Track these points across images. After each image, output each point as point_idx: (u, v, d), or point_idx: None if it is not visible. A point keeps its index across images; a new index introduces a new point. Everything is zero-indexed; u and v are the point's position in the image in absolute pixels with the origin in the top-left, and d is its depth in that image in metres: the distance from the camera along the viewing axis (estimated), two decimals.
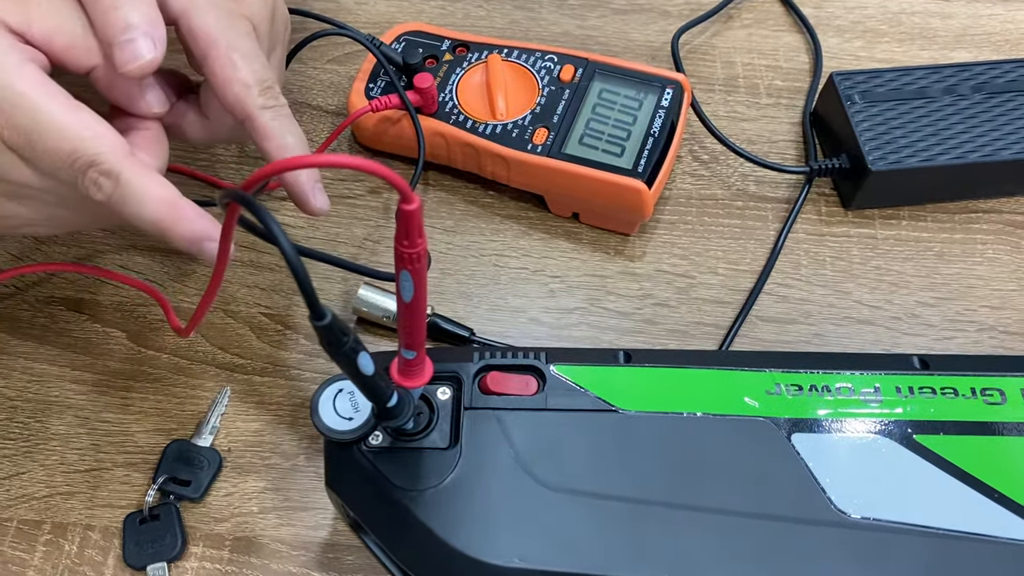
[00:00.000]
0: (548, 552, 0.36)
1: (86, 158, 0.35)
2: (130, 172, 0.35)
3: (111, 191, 0.35)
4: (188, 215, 0.37)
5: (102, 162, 0.35)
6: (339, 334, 0.28)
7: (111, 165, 0.35)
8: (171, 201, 0.36)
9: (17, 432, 0.48)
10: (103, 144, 0.35)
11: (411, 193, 0.27)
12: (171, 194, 0.37)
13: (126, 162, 0.35)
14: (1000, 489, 0.38)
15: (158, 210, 0.36)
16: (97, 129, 0.35)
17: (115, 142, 0.36)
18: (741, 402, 0.40)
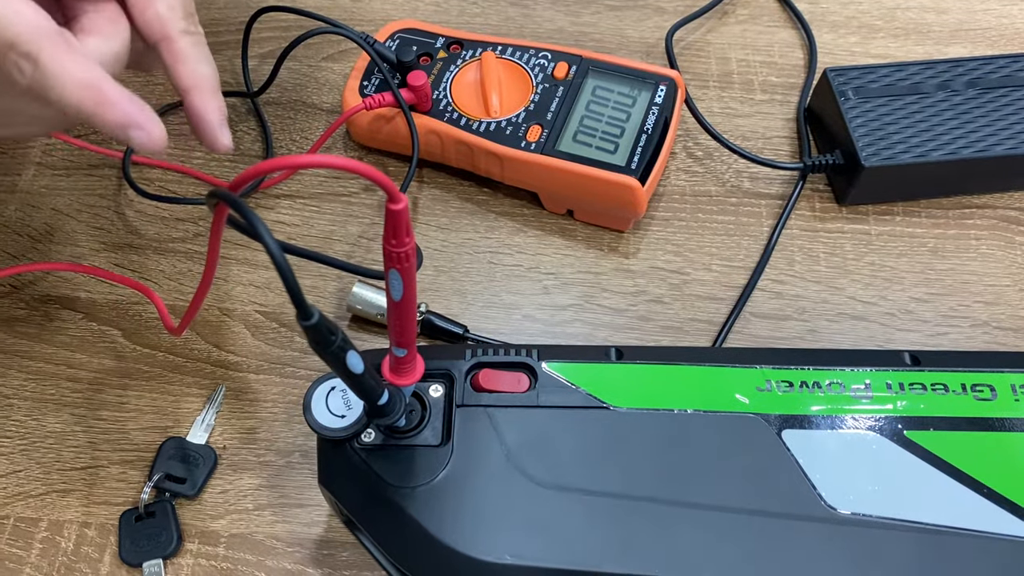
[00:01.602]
0: (539, 548, 0.36)
1: (4, 39, 0.32)
2: (49, 53, 0.33)
3: (31, 74, 0.33)
4: (112, 99, 0.34)
5: (20, 43, 0.32)
6: (326, 333, 0.28)
7: (29, 47, 0.33)
8: (93, 84, 0.34)
9: (13, 430, 0.48)
10: (21, 23, 0.33)
11: (398, 193, 0.27)
12: (93, 76, 0.34)
13: (45, 42, 0.33)
14: (990, 485, 0.38)
15: (78, 93, 0.33)
16: (17, 7, 0.33)
17: (36, 22, 0.33)
18: (732, 399, 0.40)
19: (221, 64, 0.62)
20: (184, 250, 0.54)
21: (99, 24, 0.37)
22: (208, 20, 0.63)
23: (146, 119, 0.35)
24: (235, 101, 0.60)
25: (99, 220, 0.55)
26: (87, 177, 0.57)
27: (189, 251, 0.54)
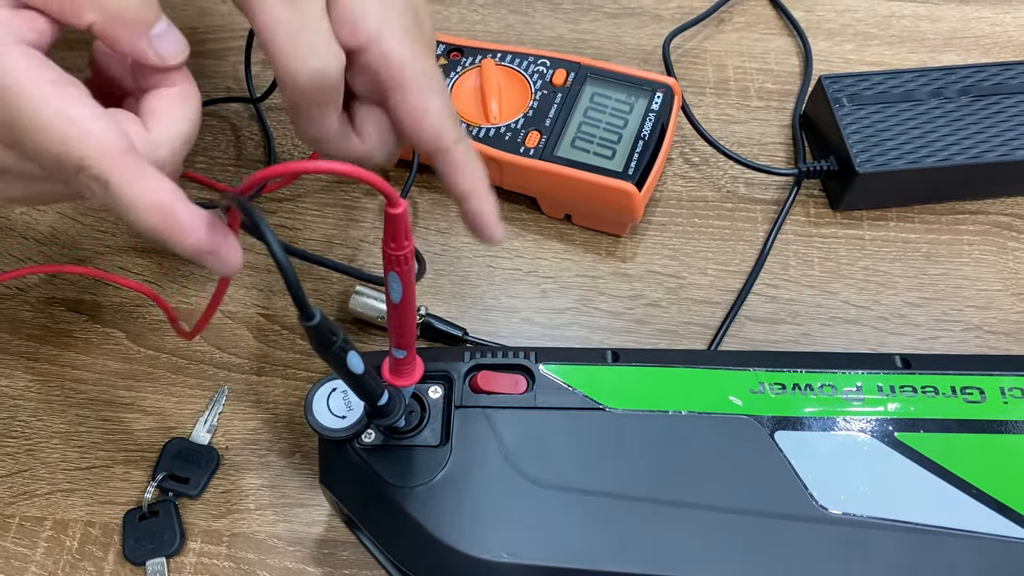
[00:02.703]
0: (536, 547, 0.37)
1: (72, 162, 0.31)
2: (120, 177, 0.31)
3: (103, 196, 0.32)
4: (186, 225, 0.32)
5: (89, 166, 0.31)
6: (328, 334, 0.29)
7: (99, 170, 0.31)
8: (166, 208, 0.32)
9: (19, 430, 0.49)
10: (90, 146, 0.31)
11: (396, 197, 0.28)
12: (166, 200, 0.32)
13: (116, 164, 0.31)
14: (979, 486, 0.39)
15: (152, 219, 0.32)
16: (85, 127, 0.31)
17: (104, 141, 0.31)
18: (726, 401, 0.41)
19: (224, 70, 0.62)
20: None
21: (168, 105, 0.35)
22: (211, 26, 0.64)
23: (220, 244, 0.32)
24: (238, 107, 0.61)
25: (104, 223, 0.56)
26: None
27: None
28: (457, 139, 0.37)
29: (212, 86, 0.62)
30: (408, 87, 0.37)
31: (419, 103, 0.37)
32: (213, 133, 0.60)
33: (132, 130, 0.33)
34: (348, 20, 0.36)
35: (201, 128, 0.59)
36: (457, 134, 0.37)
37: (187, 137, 0.34)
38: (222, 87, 0.62)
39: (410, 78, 0.36)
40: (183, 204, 0.32)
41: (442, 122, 0.37)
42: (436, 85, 0.37)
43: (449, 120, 0.37)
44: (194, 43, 0.64)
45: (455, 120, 0.38)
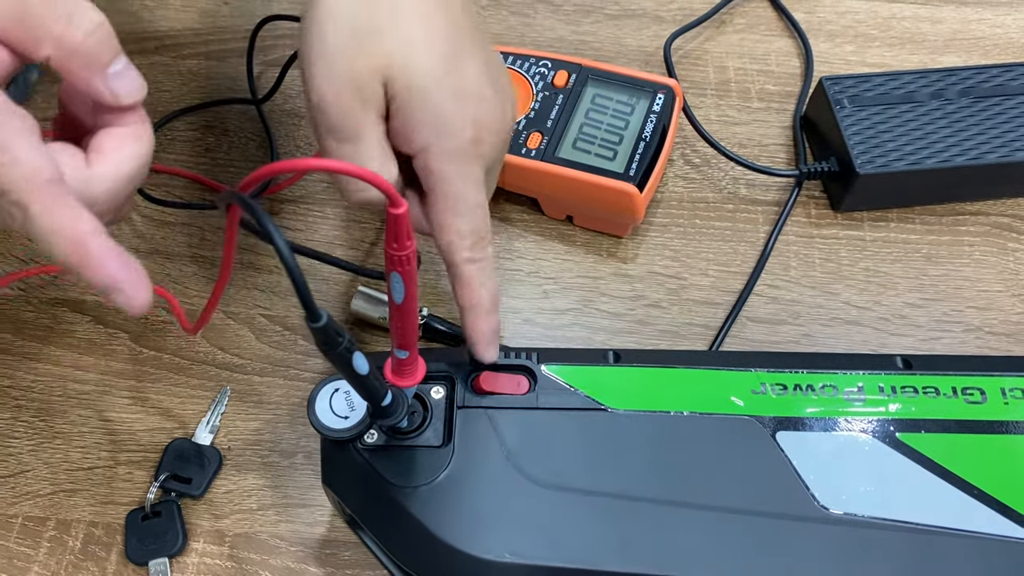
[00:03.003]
0: (538, 547, 0.37)
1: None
2: (39, 206, 0.31)
3: (22, 221, 0.32)
4: (96, 259, 0.32)
5: (11, 192, 0.31)
6: (334, 335, 0.29)
7: (19, 196, 0.31)
8: (79, 241, 0.32)
9: (22, 431, 0.49)
10: (15, 173, 0.31)
11: (399, 197, 0.28)
12: (80, 232, 0.32)
13: (37, 194, 0.32)
14: (980, 486, 0.39)
15: (64, 249, 0.32)
16: (15, 155, 0.31)
17: (30, 170, 0.32)
18: (727, 401, 0.41)
19: (227, 72, 0.63)
20: (190, 254, 0.55)
21: (115, 143, 0.35)
22: (214, 28, 0.65)
23: (128, 280, 0.33)
24: (241, 108, 0.61)
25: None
26: None
27: (195, 255, 0.55)
28: (468, 259, 0.39)
29: (214, 87, 0.62)
30: (437, 199, 0.39)
31: (441, 217, 0.39)
32: (215, 134, 0.60)
33: (69, 164, 0.33)
34: (403, 132, 0.38)
35: (203, 129, 0.60)
36: (469, 254, 0.39)
37: (129, 177, 0.34)
38: (224, 88, 0.62)
39: (441, 194, 0.38)
40: (98, 238, 0.32)
41: (458, 240, 0.39)
42: (464, 206, 0.39)
43: (467, 239, 0.39)
44: (196, 45, 0.64)
45: (475, 239, 0.40)
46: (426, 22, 0.38)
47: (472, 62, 0.39)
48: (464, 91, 0.38)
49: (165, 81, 0.62)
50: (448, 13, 0.39)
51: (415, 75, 0.37)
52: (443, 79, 0.38)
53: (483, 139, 0.39)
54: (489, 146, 0.39)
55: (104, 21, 0.33)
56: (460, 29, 0.39)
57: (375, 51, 0.37)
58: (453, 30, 0.39)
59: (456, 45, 0.38)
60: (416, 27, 0.38)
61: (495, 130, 0.39)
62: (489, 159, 0.40)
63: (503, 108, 0.40)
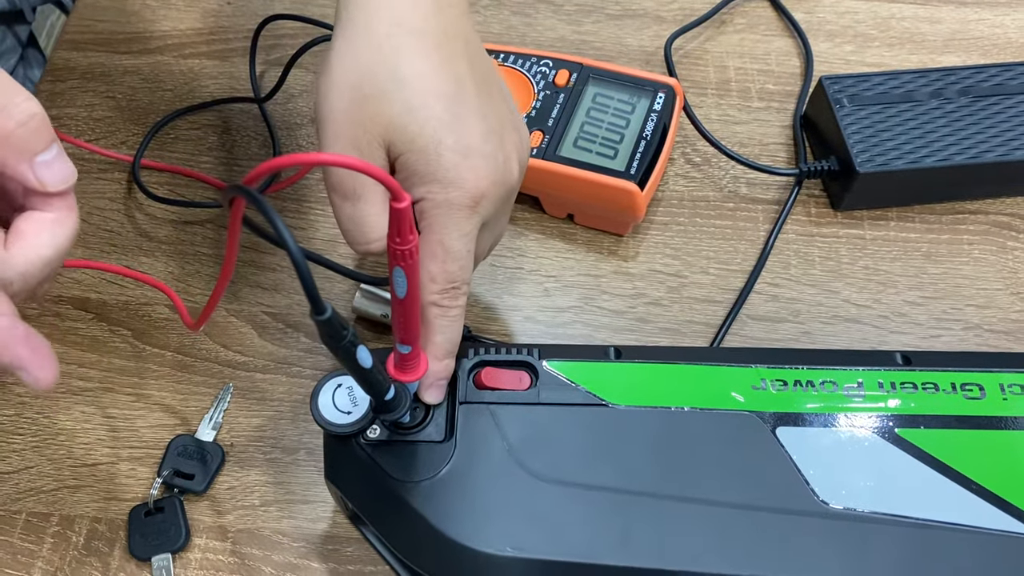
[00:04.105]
0: (540, 541, 0.37)
1: None
2: None
3: None
4: (10, 343, 0.33)
5: None
6: (339, 328, 0.29)
7: None
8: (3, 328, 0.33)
9: (25, 427, 0.49)
10: None
11: (401, 191, 0.28)
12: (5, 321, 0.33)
13: None
14: (979, 481, 0.39)
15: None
16: None
17: None
18: (728, 397, 0.41)
19: (229, 71, 0.63)
20: (193, 252, 0.55)
21: (35, 228, 0.35)
22: (216, 28, 0.65)
23: (32, 361, 0.33)
24: (243, 107, 0.61)
25: (109, 223, 0.56)
26: (97, 180, 0.58)
27: (198, 253, 0.55)
28: (433, 303, 0.39)
29: (217, 86, 0.62)
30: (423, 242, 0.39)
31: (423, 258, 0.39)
32: (218, 133, 0.60)
33: None
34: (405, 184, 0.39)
35: (206, 128, 0.60)
36: (437, 298, 0.39)
37: (46, 262, 0.34)
38: (227, 87, 0.62)
39: (427, 239, 0.39)
40: (3, 320, 0.33)
41: (429, 283, 0.39)
42: (445, 255, 0.39)
43: (437, 284, 0.39)
44: (199, 44, 0.65)
45: (447, 286, 0.39)
46: (427, 83, 0.38)
47: (475, 119, 0.39)
48: (464, 149, 0.38)
49: (168, 80, 0.62)
50: (451, 69, 0.39)
51: (415, 139, 0.38)
52: (443, 140, 0.38)
53: (482, 194, 0.39)
54: (489, 201, 0.39)
55: (39, 112, 0.33)
56: (463, 85, 0.39)
57: (376, 118, 0.38)
58: (455, 87, 0.39)
59: (458, 102, 0.39)
60: (416, 91, 0.38)
61: (495, 183, 0.39)
62: (487, 213, 0.40)
63: (506, 163, 0.40)
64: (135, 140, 0.60)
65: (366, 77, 0.38)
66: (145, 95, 0.62)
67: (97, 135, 0.60)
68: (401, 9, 0.39)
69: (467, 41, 0.41)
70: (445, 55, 0.39)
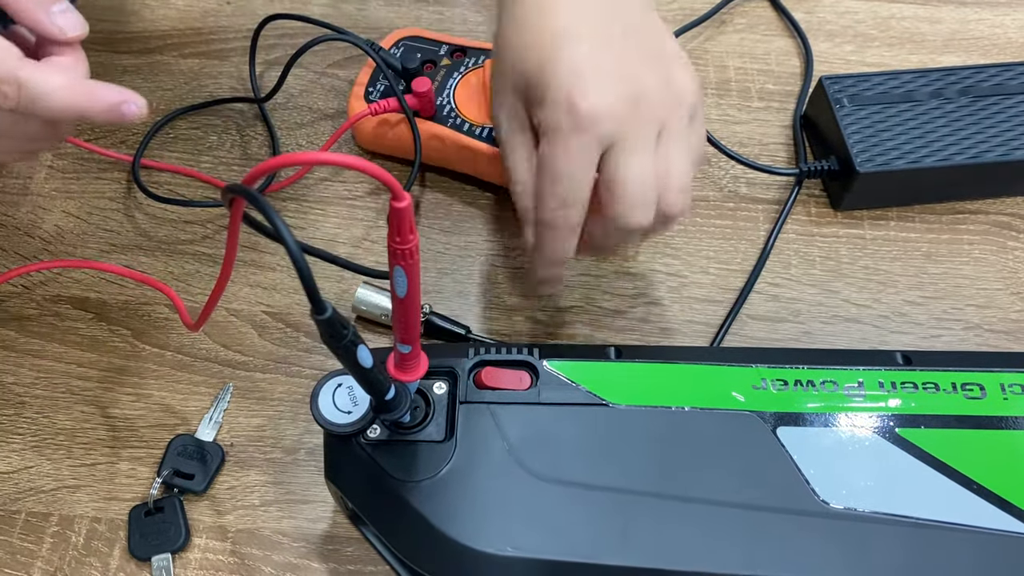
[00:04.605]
0: (540, 541, 0.37)
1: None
2: (27, 72, 0.36)
3: (17, 96, 0.36)
4: (98, 91, 0.38)
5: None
6: (339, 328, 0.29)
7: (7, 72, 0.36)
8: (75, 85, 0.37)
9: (25, 427, 0.49)
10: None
11: (402, 191, 0.28)
12: (72, 78, 0.38)
13: (22, 66, 0.36)
14: (979, 481, 0.39)
15: (66, 96, 0.37)
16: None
17: (7, 51, 0.36)
18: (728, 396, 0.41)
19: (228, 71, 0.63)
20: (193, 252, 0.55)
21: (58, 63, 0.39)
22: (216, 27, 0.65)
23: (129, 94, 0.39)
24: (243, 107, 0.61)
25: (109, 223, 0.56)
26: (97, 180, 0.58)
27: (198, 253, 0.55)
28: (543, 221, 0.43)
29: (216, 86, 0.62)
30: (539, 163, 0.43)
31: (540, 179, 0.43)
32: (218, 133, 0.60)
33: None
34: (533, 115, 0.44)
35: (206, 128, 0.60)
36: (548, 216, 0.43)
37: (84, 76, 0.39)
38: (227, 87, 0.62)
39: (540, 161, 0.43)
40: (87, 78, 0.38)
41: (540, 201, 0.43)
42: (550, 173, 0.42)
43: (545, 203, 0.43)
44: (198, 44, 0.65)
45: (556, 208, 0.42)
46: (554, 38, 0.43)
47: (596, 52, 0.42)
48: (574, 72, 0.41)
49: (167, 80, 0.62)
50: (582, 22, 0.43)
51: (535, 78, 0.43)
52: (555, 70, 0.42)
53: (594, 114, 0.40)
54: (609, 120, 0.41)
55: None
56: (589, 31, 0.43)
57: (520, 89, 0.44)
58: (579, 35, 0.42)
59: (576, 42, 0.42)
60: (545, 45, 0.43)
61: (619, 99, 0.41)
62: (607, 132, 0.41)
63: (634, 81, 0.41)
64: (135, 140, 0.60)
65: (520, 52, 0.44)
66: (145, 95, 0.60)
67: (97, 134, 0.60)
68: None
69: (609, 2, 0.44)
70: (578, 15, 0.43)
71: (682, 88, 0.43)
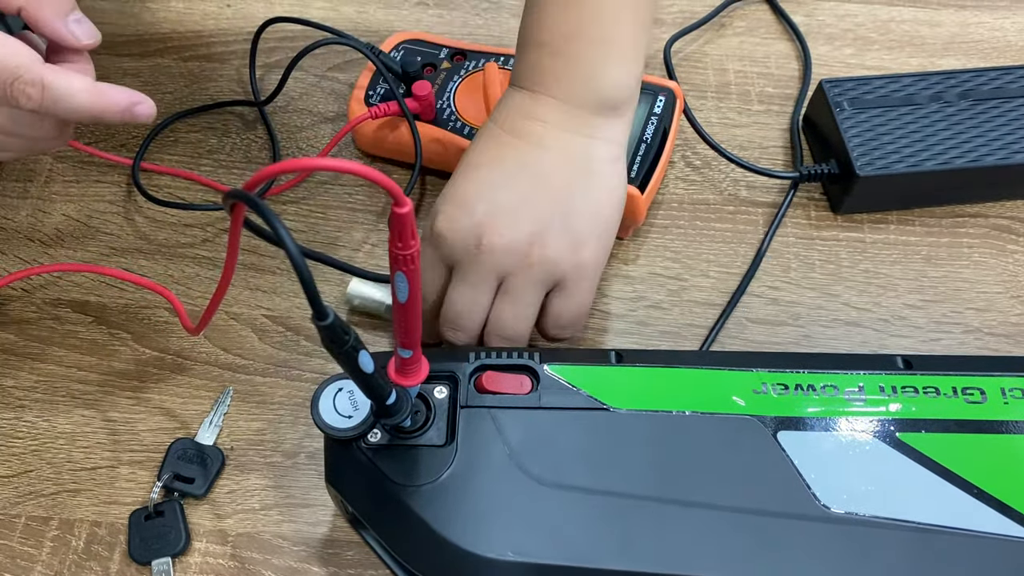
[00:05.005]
0: (541, 545, 0.37)
1: (8, 72, 0.38)
2: (51, 75, 0.38)
3: (40, 97, 0.38)
4: (112, 93, 0.40)
5: (23, 73, 0.38)
6: (341, 333, 0.29)
7: (33, 74, 0.38)
8: (94, 87, 0.39)
9: (25, 431, 0.49)
10: (20, 57, 0.38)
11: (403, 197, 0.28)
12: (91, 82, 0.40)
13: (45, 68, 0.38)
14: (980, 485, 0.39)
15: (87, 98, 0.39)
16: (13, 48, 0.38)
17: (28, 54, 0.38)
18: (729, 401, 0.41)
19: (228, 74, 0.63)
20: (193, 255, 0.55)
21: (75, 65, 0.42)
22: (216, 30, 0.65)
23: (139, 96, 0.41)
24: (243, 110, 0.61)
25: (109, 226, 0.56)
26: (97, 183, 0.58)
27: (198, 256, 0.55)
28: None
29: (217, 89, 0.62)
30: None
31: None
32: (218, 136, 0.60)
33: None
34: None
35: (206, 131, 0.60)
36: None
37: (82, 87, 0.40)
38: (227, 90, 0.62)
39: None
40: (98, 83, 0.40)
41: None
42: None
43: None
44: (199, 47, 0.65)
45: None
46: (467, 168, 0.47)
47: (481, 189, 0.46)
48: (448, 198, 0.46)
49: (167, 83, 0.62)
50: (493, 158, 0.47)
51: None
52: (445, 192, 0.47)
53: (440, 233, 0.46)
54: (447, 245, 0.45)
55: None
56: (490, 169, 0.47)
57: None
58: (481, 168, 0.47)
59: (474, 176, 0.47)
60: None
61: (457, 233, 0.45)
62: (447, 255, 0.46)
63: (487, 228, 0.44)
64: (135, 143, 0.60)
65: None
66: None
67: (96, 138, 0.60)
68: (499, 112, 0.48)
69: (538, 146, 0.46)
70: (497, 150, 0.47)
71: (558, 256, 0.45)
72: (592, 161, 0.46)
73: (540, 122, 0.46)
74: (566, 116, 0.46)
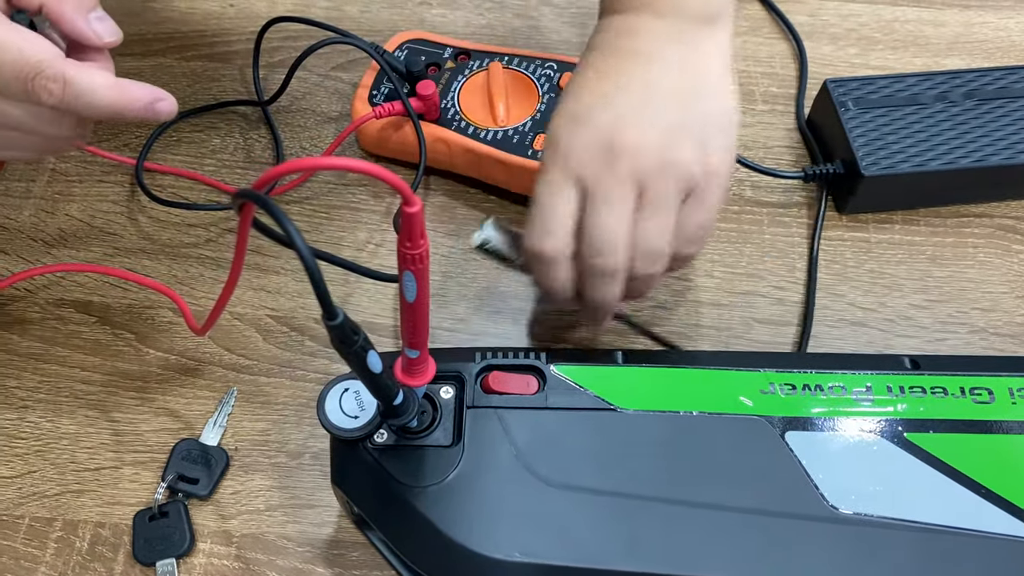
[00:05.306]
0: (548, 546, 0.37)
1: (30, 67, 0.37)
2: (73, 71, 0.38)
3: (61, 92, 0.38)
4: (134, 89, 0.40)
5: (45, 68, 0.38)
6: (350, 333, 0.29)
7: (55, 70, 0.38)
8: (116, 84, 0.39)
9: (28, 431, 0.49)
10: (43, 53, 0.38)
11: (413, 196, 0.28)
12: (113, 78, 0.40)
13: (67, 64, 0.38)
14: (988, 485, 0.39)
15: (109, 95, 0.39)
16: (36, 43, 0.38)
17: (50, 49, 0.38)
18: (736, 401, 0.41)
19: (232, 73, 0.63)
20: (196, 255, 0.55)
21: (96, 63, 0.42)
22: (219, 30, 0.65)
23: (161, 92, 0.41)
24: (246, 110, 0.61)
25: (112, 226, 0.56)
26: (100, 183, 0.58)
27: (201, 256, 0.55)
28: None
29: (220, 89, 0.62)
30: None
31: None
32: (222, 136, 0.60)
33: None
34: None
35: (209, 131, 0.60)
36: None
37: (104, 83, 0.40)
38: (230, 90, 0.62)
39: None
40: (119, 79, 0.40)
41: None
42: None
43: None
44: (202, 47, 0.65)
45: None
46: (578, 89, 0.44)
47: (600, 104, 0.42)
48: (570, 116, 0.43)
49: (170, 83, 0.62)
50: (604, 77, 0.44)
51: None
52: (558, 110, 0.44)
53: (568, 151, 0.42)
54: (578, 162, 0.41)
55: None
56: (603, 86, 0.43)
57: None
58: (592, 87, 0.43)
59: (588, 94, 0.43)
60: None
61: (595, 146, 0.41)
62: (578, 175, 0.41)
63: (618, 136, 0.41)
64: (138, 143, 0.59)
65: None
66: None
67: (100, 138, 0.60)
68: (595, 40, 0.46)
69: (647, 58, 0.43)
70: (604, 69, 0.44)
71: (692, 158, 0.41)
72: (701, 71, 0.44)
73: (642, 37, 0.44)
74: (668, 28, 0.44)
